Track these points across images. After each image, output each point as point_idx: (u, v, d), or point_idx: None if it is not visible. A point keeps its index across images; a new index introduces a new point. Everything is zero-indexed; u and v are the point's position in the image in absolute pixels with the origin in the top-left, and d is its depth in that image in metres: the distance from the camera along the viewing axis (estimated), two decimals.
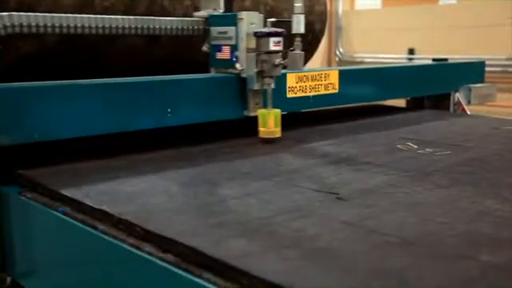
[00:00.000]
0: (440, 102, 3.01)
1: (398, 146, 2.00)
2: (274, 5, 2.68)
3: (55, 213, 1.37)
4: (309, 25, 2.65)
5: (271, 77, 2.02)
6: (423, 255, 1.04)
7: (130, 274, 1.17)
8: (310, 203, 1.35)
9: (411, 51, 11.23)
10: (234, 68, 2.04)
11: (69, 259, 1.37)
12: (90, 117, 1.71)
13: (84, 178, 1.54)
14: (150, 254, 1.11)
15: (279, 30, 2.00)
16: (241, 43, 2.02)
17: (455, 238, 1.11)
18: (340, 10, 8.16)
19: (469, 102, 2.97)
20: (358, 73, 2.72)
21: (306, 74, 2.29)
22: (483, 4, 8.81)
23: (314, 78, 2.32)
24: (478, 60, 3.30)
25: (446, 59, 3.13)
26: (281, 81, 2.20)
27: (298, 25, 2.08)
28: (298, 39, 2.13)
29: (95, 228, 1.25)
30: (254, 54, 2.01)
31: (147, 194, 1.41)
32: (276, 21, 2.06)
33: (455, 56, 4.56)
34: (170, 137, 2.03)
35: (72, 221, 1.32)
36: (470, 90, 2.95)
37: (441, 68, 3.06)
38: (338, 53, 8.09)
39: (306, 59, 3.14)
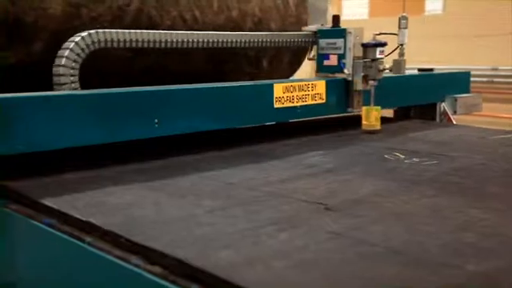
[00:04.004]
0: (426, 112, 3.03)
1: (386, 155, 2.01)
2: (261, 16, 2.69)
3: (40, 225, 1.36)
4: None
5: (375, 80, 2.47)
6: (410, 265, 1.04)
7: (116, 287, 1.16)
8: (298, 214, 1.35)
9: None
10: (342, 73, 2.50)
11: (54, 271, 1.36)
12: (76, 128, 1.70)
13: (70, 190, 1.52)
14: (137, 266, 1.10)
15: (383, 41, 2.47)
16: (348, 52, 2.46)
17: (441, 248, 1.12)
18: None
19: (455, 112, 2.99)
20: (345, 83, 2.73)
21: (292, 84, 2.30)
22: (469, 14, 8.91)
23: (301, 88, 2.33)
24: (463, 70, 3.33)
25: (431, 69, 3.15)
26: (268, 91, 2.21)
27: (403, 37, 2.65)
28: (403, 48, 2.67)
29: (81, 240, 1.24)
30: (361, 61, 2.45)
31: (134, 206, 1.40)
32: (379, 33, 2.49)
33: (441, 66, 4.60)
34: (159, 146, 2.03)
35: (58, 233, 1.30)
36: (455, 100, 2.98)
37: (427, 78, 3.08)
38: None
39: (294, 69, 3.16)
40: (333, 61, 2.52)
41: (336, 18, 2.62)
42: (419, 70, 3.17)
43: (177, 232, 1.21)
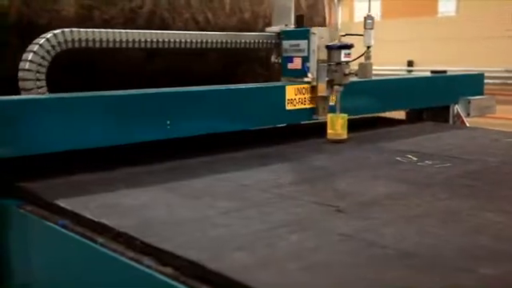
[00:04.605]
0: (439, 114, 3.02)
1: (398, 158, 2.01)
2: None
3: (54, 226, 1.37)
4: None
5: (340, 85, 2.26)
6: (421, 267, 1.03)
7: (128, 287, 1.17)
8: (309, 216, 1.35)
9: (410, 63, 11.27)
10: (306, 77, 2.27)
11: (68, 272, 1.37)
12: (89, 129, 1.71)
13: (83, 191, 1.53)
14: (149, 267, 1.11)
15: (349, 43, 2.26)
16: (312, 55, 2.26)
17: (454, 251, 1.11)
18: (339, 22, 8.21)
19: (468, 114, 2.98)
20: (357, 85, 2.73)
21: (305, 86, 2.30)
22: (482, 16, 8.85)
23: (312, 91, 2.32)
24: (477, 72, 3.31)
25: (444, 71, 3.14)
26: (280, 93, 2.21)
27: (369, 38, 2.37)
28: (369, 51, 2.39)
29: (95, 241, 1.25)
30: (325, 64, 2.25)
31: (147, 207, 1.41)
32: (345, 34, 2.32)
33: (454, 68, 4.57)
34: (172, 148, 2.03)
35: (71, 234, 1.31)
36: (469, 102, 2.96)
37: (440, 80, 3.07)
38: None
39: None
40: (296, 64, 2.32)
41: (299, 18, 2.40)
42: (432, 71, 3.15)
43: (191, 233, 1.22)
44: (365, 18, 2.40)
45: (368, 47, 2.38)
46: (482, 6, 9.03)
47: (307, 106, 2.31)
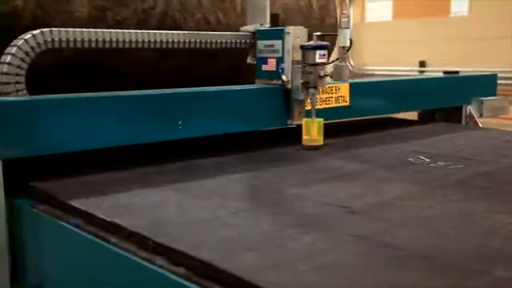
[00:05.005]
0: (452, 115, 3.00)
1: (410, 159, 2.00)
2: (284, 18, 2.69)
3: (67, 225, 1.38)
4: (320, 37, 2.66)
5: (315, 87, 2.14)
6: (436, 269, 1.03)
7: (140, 287, 1.17)
8: (321, 217, 1.35)
9: (422, 64, 11.21)
10: (280, 79, 2.16)
11: (80, 272, 1.37)
12: (101, 130, 1.72)
13: (96, 191, 1.54)
14: (161, 267, 1.11)
15: (324, 43, 2.13)
16: (287, 56, 2.13)
17: (468, 253, 1.11)
18: (351, 23, 8.19)
19: (481, 115, 2.96)
20: (369, 86, 2.72)
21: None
22: (495, 16, 8.78)
23: (324, 91, 2.32)
24: (489, 73, 3.29)
25: (457, 72, 3.12)
26: None
27: (344, 38, 2.21)
28: (344, 51, 2.24)
29: (107, 241, 1.26)
30: (299, 66, 2.12)
31: (159, 207, 1.41)
32: (321, 34, 2.17)
33: (467, 68, 4.54)
34: (181, 149, 2.04)
35: (84, 233, 1.32)
36: (482, 102, 2.94)
37: (452, 81, 3.06)
38: (348, 65, 8.09)
39: None
40: (271, 65, 2.19)
41: (275, 17, 2.26)
42: (445, 72, 3.14)
43: (202, 233, 1.22)
44: (340, 15, 2.26)
45: (343, 47, 2.22)
46: (494, 6, 8.97)
47: (320, 107, 2.30)
